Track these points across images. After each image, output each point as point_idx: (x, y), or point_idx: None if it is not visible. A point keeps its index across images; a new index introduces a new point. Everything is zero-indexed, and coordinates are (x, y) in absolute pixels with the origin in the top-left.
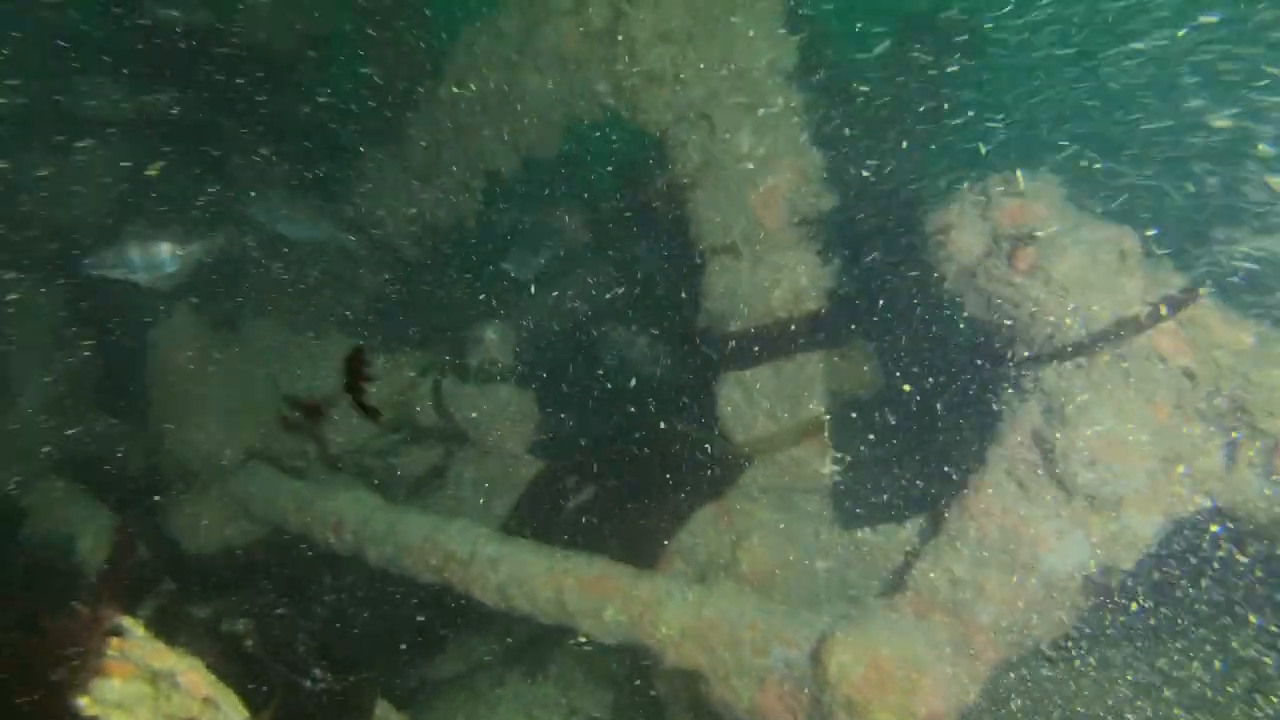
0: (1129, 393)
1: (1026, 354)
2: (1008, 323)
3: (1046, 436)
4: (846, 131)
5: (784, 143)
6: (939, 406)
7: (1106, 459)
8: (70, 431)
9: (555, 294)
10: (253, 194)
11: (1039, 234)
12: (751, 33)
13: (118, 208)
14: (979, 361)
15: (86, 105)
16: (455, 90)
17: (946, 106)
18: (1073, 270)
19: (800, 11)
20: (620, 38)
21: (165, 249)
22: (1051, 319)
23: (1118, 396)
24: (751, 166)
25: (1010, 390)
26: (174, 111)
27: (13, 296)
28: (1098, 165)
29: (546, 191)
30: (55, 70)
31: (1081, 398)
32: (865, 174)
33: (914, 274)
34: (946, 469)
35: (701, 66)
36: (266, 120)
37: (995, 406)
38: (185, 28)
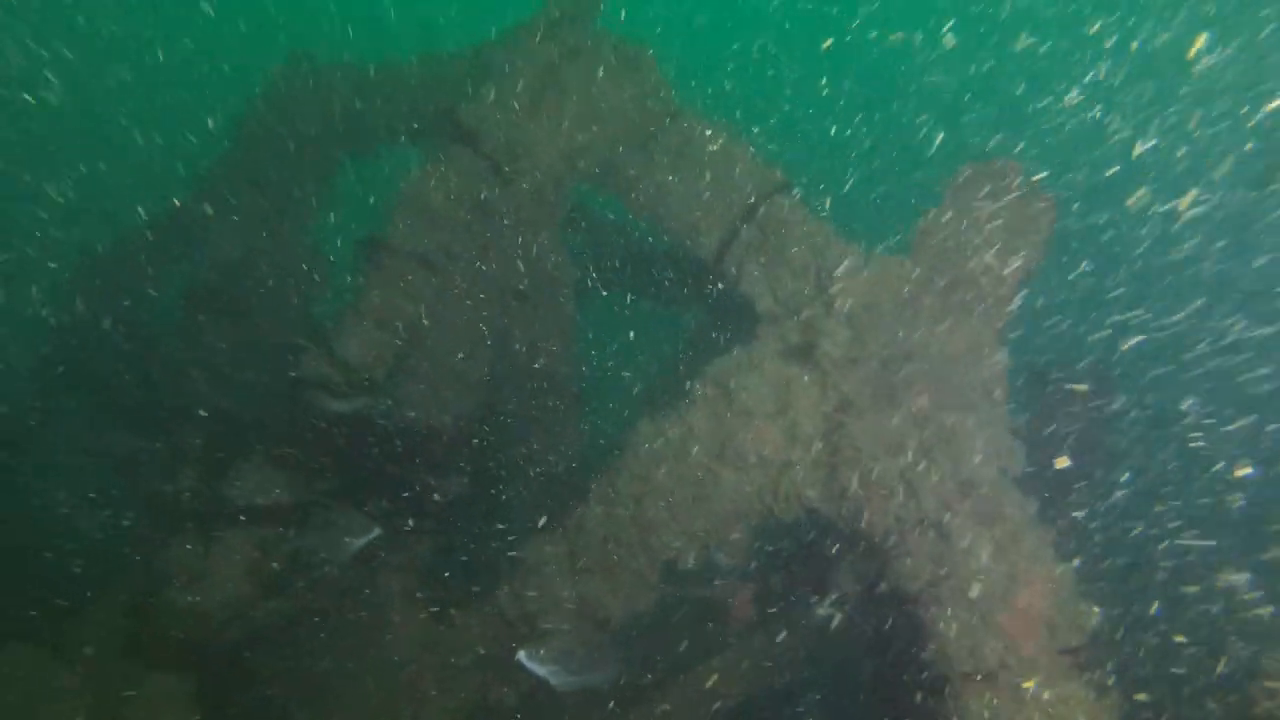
0: None
1: None
2: None
3: None
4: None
5: (1028, 557)
6: None
7: None
8: None
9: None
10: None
11: None
12: (981, 439)
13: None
14: None
15: (241, 492)
16: (632, 482)
17: None
18: None
19: None
20: (840, 447)
21: None
22: None
23: None
24: (994, 584)
25: None
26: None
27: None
28: None
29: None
30: (211, 457)
31: None
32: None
33: None
34: None
35: (933, 478)
36: (417, 503)
37: None
38: (344, 414)
